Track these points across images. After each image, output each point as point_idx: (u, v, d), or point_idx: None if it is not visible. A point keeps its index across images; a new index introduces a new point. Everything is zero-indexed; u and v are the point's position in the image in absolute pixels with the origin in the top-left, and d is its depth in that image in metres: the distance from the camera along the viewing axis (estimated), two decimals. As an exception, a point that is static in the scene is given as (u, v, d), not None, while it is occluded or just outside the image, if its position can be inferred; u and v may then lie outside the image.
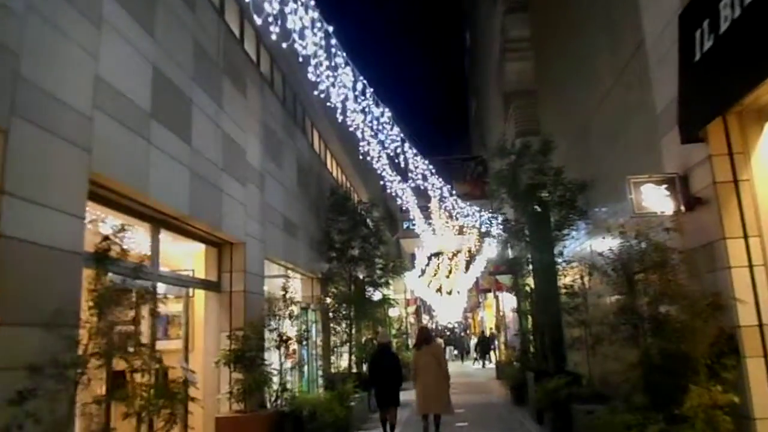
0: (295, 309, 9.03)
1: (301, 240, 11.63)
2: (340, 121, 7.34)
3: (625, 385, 6.32)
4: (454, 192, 12.48)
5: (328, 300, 13.05)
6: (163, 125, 5.98)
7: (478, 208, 13.77)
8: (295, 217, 11.18)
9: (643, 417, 5.23)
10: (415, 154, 9.05)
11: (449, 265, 30.95)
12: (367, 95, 7.30)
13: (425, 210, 18.93)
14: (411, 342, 31.18)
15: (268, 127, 9.84)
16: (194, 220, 6.74)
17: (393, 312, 28.41)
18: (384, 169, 9.91)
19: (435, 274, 32.38)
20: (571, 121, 11.16)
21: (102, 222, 6.23)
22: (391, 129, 7.64)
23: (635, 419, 5.22)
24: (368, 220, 13.59)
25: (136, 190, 5.54)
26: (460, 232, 24.56)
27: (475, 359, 29.05)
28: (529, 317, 15.39)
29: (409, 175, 9.09)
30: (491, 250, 16.72)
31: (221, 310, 7.95)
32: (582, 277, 9.31)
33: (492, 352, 27.71)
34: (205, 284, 7.88)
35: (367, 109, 7.04)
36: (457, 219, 13.88)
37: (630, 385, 6.02)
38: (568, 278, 10.61)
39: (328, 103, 7.40)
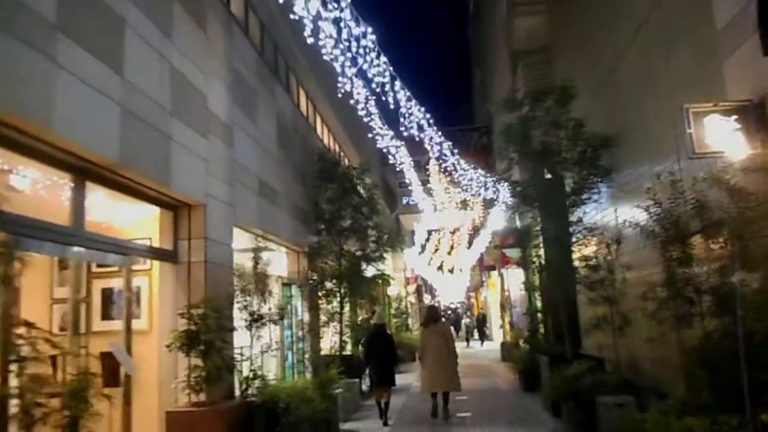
0: (272, 284, 7.68)
1: (284, 209, 10.26)
2: (313, 43, 5.88)
3: (663, 373, 4.98)
4: (455, 151, 11.02)
5: (316, 276, 11.73)
6: (77, 43, 4.57)
7: (483, 172, 12.34)
8: (276, 181, 9.79)
9: (711, 422, 3.89)
10: (408, 98, 7.58)
11: (451, 241, 29.56)
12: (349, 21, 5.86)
13: (420, 167, 17.43)
14: (411, 322, 30.04)
15: (239, 74, 8.41)
16: (128, 170, 5.36)
17: (392, 290, 27.19)
18: (371, 118, 8.46)
19: (436, 251, 31.01)
20: (594, 70, 9.69)
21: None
22: (377, 57, 6.17)
23: (702, 425, 3.87)
24: (360, 187, 12.20)
25: (36, 124, 4.16)
26: (463, 205, 23.20)
27: (468, 339, 28.48)
28: (539, 295, 14.12)
29: (401, 121, 7.63)
30: (497, 221, 15.35)
31: (178, 284, 6.61)
32: (609, 246, 7.94)
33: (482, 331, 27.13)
34: (156, 253, 6.53)
35: (349, 35, 5.59)
36: (458, 183, 12.41)
37: (688, 376, 4.66)
38: (588, 249, 9.27)
39: (306, 36, 6.00)
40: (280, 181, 10.07)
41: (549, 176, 9.57)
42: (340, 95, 7.29)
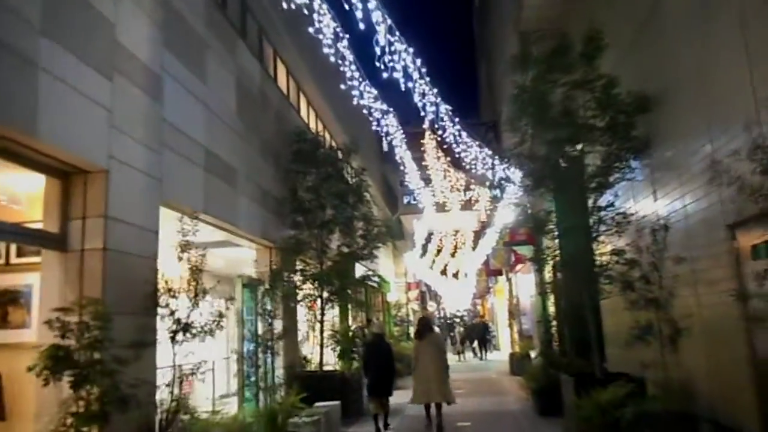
0: (210, 283, 5.85)
1: (246, 193, 8.46)
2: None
3: (730, 402, 3.14)
4: (456, 118, 9.18)
5: (295, 277, 9.89)
6: None
7: (490, 153, 10.50)
8: (233, 158, 7.99)
9: None
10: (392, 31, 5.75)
11: (454, 241, 27.58)
12: None
13: (414, 139, 15.50)
14: (413, 331, 28.13)
15: (178, 15, 6.63)
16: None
17: (391, 297, 25.30)
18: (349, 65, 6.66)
19: (438, 253, 29.06)
20: (625, 16, 7.82)
21: None
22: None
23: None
24: (345, 173, 10.38)
25: None
26: (466, 205, 21.34)
27: (460, 352, 25.11)
28: (553, 299, 12.24)
29: (386, 59, 5.80)
30: (506, 215, 13.45)
31: (66, 281, 4.78)
32: (654, 234, 6.05)
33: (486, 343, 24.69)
34: (34, 237, 4.73)
35: None
36: (459, 163, 10.56)
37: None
38: (620, 241, 7.39)
39: None
40: (240, 158, 8.26)
41: (572, 149, 7.69)
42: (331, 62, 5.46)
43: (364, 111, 8.42)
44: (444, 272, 32.28)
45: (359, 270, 11.58)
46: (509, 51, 18.94)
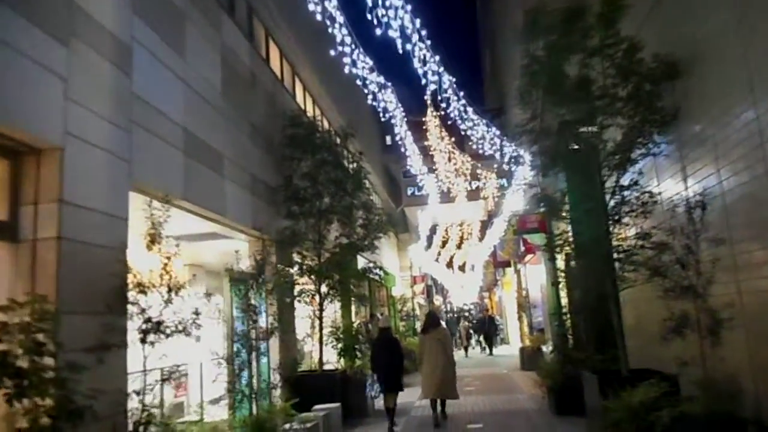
0: (186, 275, 5.21)
1: (235, 180, 7.82)
2: None
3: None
4: (461, 94, 8.48)
5: (292, 271, 9.26)
6: None
7: (497, 133, 9.81)
8: (218, 140, 7.35)
9: None
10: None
11: (460, 231, 26.85)
12: None
13: (417, 129, 14.79)
14: (419, 326, 27.47)
15: (152, -20, 5.97)
16: None
17: (396, 291, 24.66)
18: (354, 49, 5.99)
19: (444, 245, 28.36)
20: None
21: None
22: None
23: None
24: (343, 159, 9.72)
25: None
26: (472, 195, 20.64)
27: (466, 347, 24.59)
28: (566, 290, 11.55)
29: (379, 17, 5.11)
30: (515, 201, 12.72)
31: (17, 275, 4.14)
32: (691, 213, 5.37)
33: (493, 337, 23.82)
34: (-25, 226, 4.09)
35: None
36: (465, 142, 9.87)
37: None
38: (646, 223, 6.71)
39: None
40: (226, 141, 7.62)
41: (589, 125, 6.98)
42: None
43: (359, 83, 7.72)
44: (450, 265, 31.55)
45: (360, 262, 10.94)
46: (516, 28, 18.26)
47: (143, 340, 4.60)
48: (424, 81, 7.33)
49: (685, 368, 5.47)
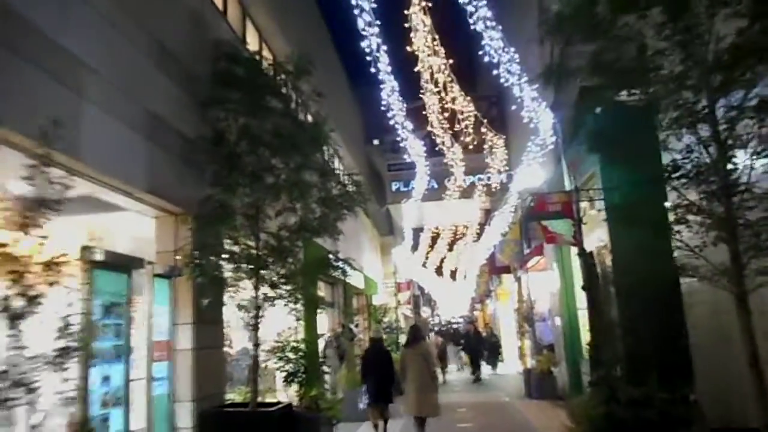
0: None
1: (114, 113, 5.02)
2: None
3: None
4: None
5: (222, 261, 6.40)
6: None
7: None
8: (91, 53, 4.57)
9: None
10: None
11: (453, 229, 23.96)
12: None
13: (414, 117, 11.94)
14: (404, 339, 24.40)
15: None
16: None
17: (380, 299, 21.77)
18: None
19: (432, 245, 25.50)
20: None
21: None
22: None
23: None
24: (296, 105, 6.89)
25: None
26: (466, 193, 17.89)
27: (443, 369, 19.78)
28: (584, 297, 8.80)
29: None
30: (531, 177, 9.89)
31: None
32: None
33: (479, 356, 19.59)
34: None
35: None
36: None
37: None
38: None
39: None
40: (105, 53, 4.85)
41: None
42: None
43: None
44: (440, 271, 28.69)
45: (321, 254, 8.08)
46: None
47: None
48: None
49: None
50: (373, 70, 7.86)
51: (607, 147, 7.90)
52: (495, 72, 7.98)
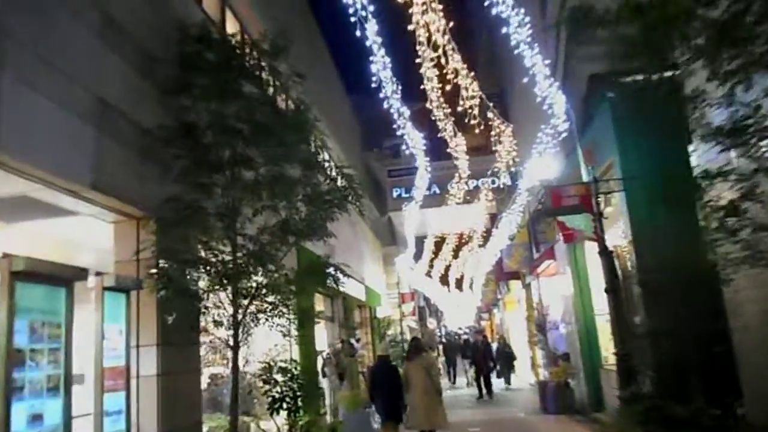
0: None
1: (51, 96, 4.18)
2: None
3: None
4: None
5: (191, 270, 5.52)
6: None
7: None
8: (39, 37, 3.73)
9: None
10: None
11: (458, 234, 23.00)
12: None
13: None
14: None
15: None
16: None
17: (383, 312, 20.82)
18: None
19: (436, 253, 24.53)
20: None
21: None
22: None
23: None
24: (271, 87, 6.03)
25: None
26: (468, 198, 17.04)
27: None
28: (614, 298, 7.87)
29: None
30: (541, 169, 8.97)
31: None
32: None
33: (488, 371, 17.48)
34: None
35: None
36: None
37: None
38: None
39: None
40: (35, 23, 4.01)
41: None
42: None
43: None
44: (445, 280, 27.70)
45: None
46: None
47: None
48: None
49: None
50: (359, 33, 7.02)
51: (628, 131, 7.11)
52: (505, 30, 7.12)
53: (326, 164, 6.22)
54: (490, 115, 9.38)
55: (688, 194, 5.27)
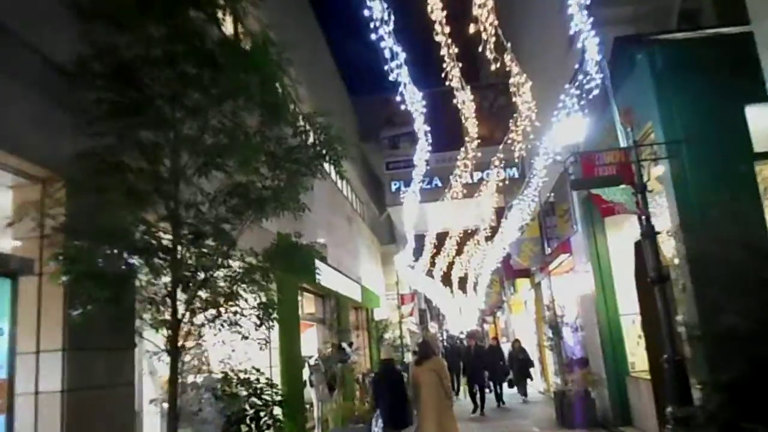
0: None
1: None
2: None
3: None
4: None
5: (110, 248, 4.10)
6: None
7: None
8: None
9: None
10: None
11: (461, 231, 21.54)
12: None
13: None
14: (412, 358, 21.69)
15: None
16: None
17: (381, 314, 19.39)
18: None
19: (438, 250, 23.09)
20: None
21: None
22: None
23: None
24: (222, 11, 4.63)
25: None
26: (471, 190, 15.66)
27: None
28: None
29: None
30: (570, 131, 7.52)
31: None
32: None
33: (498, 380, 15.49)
34: None
35: None
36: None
37: None
38: None
39: None
40: None
41: None
42: None
43: None
44: (447, 280, 26.26)
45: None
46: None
47: None
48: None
49: None
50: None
51: (673, 90, 5.75)
52: None
53: (298, 118, 4.81)
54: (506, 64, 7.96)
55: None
